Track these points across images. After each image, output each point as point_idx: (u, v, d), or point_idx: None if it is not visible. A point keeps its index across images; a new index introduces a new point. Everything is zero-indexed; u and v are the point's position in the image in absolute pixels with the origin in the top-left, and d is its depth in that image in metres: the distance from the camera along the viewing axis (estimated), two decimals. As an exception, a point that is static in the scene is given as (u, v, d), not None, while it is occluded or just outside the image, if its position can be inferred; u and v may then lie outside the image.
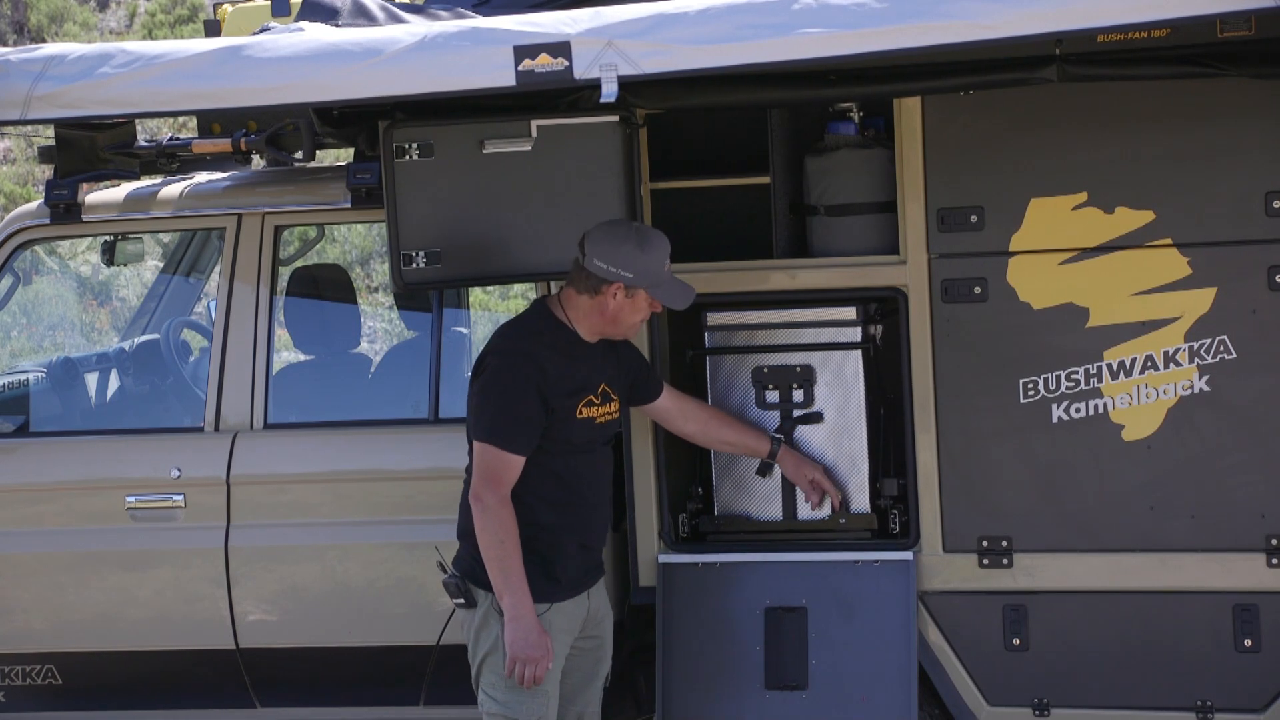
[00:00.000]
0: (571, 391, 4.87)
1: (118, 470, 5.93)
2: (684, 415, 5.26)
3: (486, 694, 4.90)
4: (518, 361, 4.82)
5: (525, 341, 4.88)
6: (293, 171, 6.37)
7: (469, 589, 4.89)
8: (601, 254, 4.82)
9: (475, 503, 4.79)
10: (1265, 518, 5.06)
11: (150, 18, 20.13)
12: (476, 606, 4.89)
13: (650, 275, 4.85)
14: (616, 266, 4.81)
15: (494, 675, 4.85)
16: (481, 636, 4.89)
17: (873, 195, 5.32)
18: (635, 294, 4.87)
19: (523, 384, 4.80)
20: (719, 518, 5.47)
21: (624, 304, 4.87)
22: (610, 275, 4.82)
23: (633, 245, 4.82)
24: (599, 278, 4.83)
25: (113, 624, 5.91)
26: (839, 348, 5.33)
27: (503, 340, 4.91)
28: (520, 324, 4.97)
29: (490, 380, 4.83)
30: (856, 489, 5.37)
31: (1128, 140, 5.06)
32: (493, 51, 4.48)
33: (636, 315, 4.92)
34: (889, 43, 4.31)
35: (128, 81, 4.65)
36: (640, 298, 4.88)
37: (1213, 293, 5.05)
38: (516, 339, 4.90)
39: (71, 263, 13.53)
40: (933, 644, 5.29)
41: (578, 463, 4.93)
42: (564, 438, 4.87)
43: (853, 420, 5.35)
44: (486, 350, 4.90)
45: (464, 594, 4.89)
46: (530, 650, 4.74)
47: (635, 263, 4.82)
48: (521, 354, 4.84)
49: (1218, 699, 5.12)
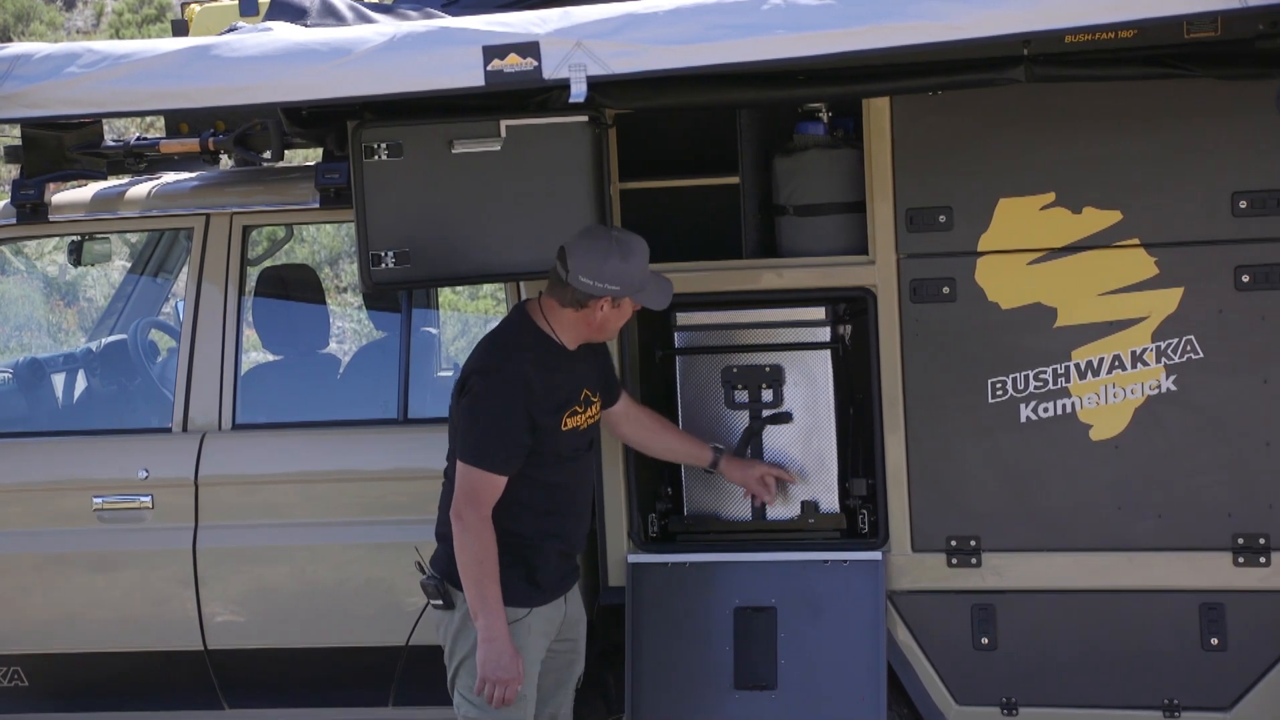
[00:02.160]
0: (557, 406, 4.85)
1: (85, 471, 5.91)
2: (631, 420, 5.26)
3: (464, 698, 4.88)
4: (504, 382, 4.78)
5: (511, 359, 4.82)
6: (261, 171, 6.35)
7: (447, 591, 4.87)
8: (586, 270, 4.80)
9: (456, 520, 4.78)
10: (1232, 517, 5.08)
11: (117, 17, 20.07)
12: (454, 609, 4.87)
13: (635, 283, 4.86)
14: (603, 281, 4.80)
15: (472, 678, 4.84)
16: (459, 640, 4.88)
17: (842, 195, 5.33)
18: (621, 303, 4.88)
19: (509, 405, 4.77)
20: (688, 518, 5.47)
21: (610, 314, 4.88)
22: (598, 291, 4.81)
23: (617, 259, 4.80)
24: (585, 294, 4.82)
25: (80, 625, 5.89)
26: (808, 348, 5.34)
27: (488, 358, 4.86)
28: (504, 338, 4.92)
29: (476, 401, 4.79)
30: (825, 489, 5.37)
31: (1095, 141, 5.08)
32: (462, 51, 4.47)
33: (622, 320, 4.95)
34: (858, 43, 4.31)
35: (94, 81, 4.63)
36: (625, 304, 4.90)
37: (1180, 292, 5.07)
38: (502, 356, 4.84)
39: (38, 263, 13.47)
40: (901, 643, 5.30)
41: (564, 472, 4.92)
42: (552, 450, 4.87)
43: (822, 420, 5.35)
44: (471, 368, 4.85)
45: (442, 595, 4.88)
46: (502, 672, 4.74)
47: (621, 275, 4.82)
48: (508, 373, 4.79)
49: (1185, 697, 5.14)
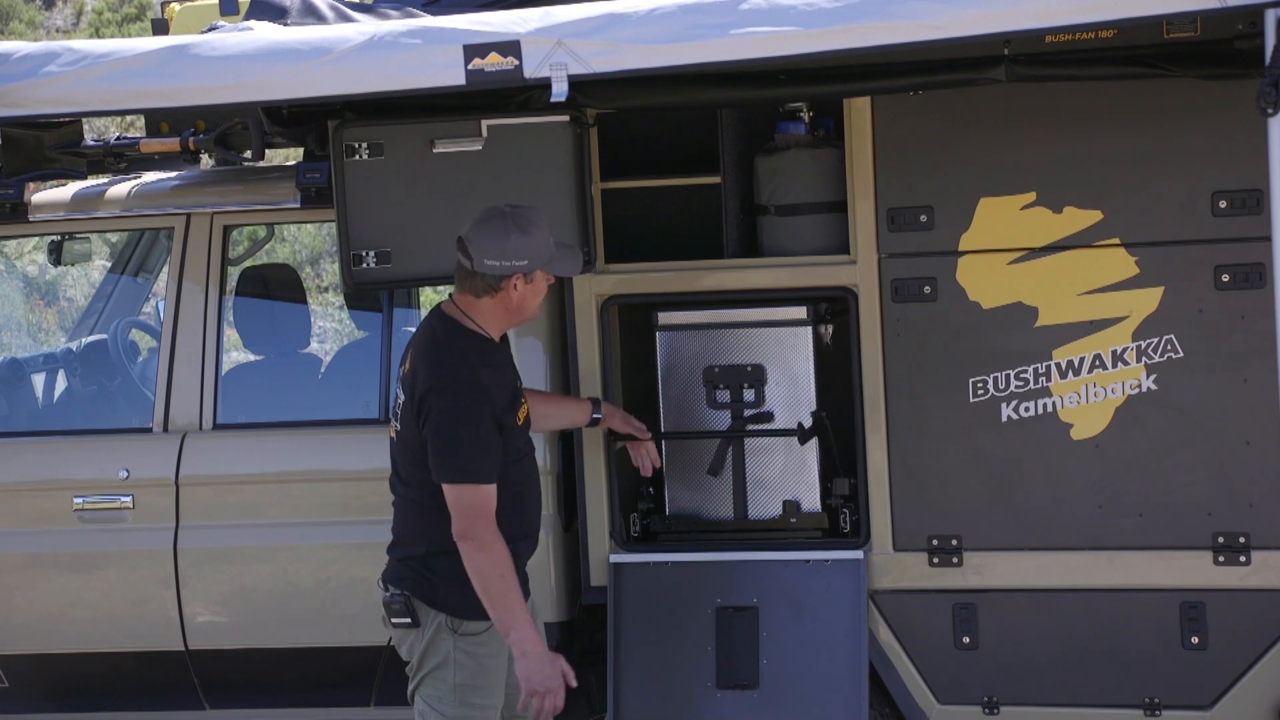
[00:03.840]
0: (511, 402, 4.81)
1: (65, 471, 5.89)
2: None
3: (432, 708, 4.80)
4: (465, 394, 4.70)
5: (461, 368, 4.74)
6: (242, 171, 6.34)
7: (414, 608, 4.78)
8: (489, 252, 4.72)
9: (466, 541, 4.68)
10: (1212, 516, 5.09)
11: (97, 16, 20.03)
12: (422, 625, 4.79)
13: (542, 254, 4.77)
14: (509, 259, 4.72)
15: (443, 688, 4.77)
16: (430, 652, 4.80)
17: (823, 195, 5.34)
18: (533, 276, 4.79)
19: (477, 414, 4.70)
20: (670, 517, 5.47)
21: (525, 291, 4.79)
22: (506, 270, 4.72)
23: (516, 234, 4.72)
24: (495, 276, 4.74)
25: (60, 626, 5.87)
26: (790, 347, 5.34)
27: (439, 374, 4.74)
28: (443, 349, 4.80)
29: (444, 420, 4.69)
30: (807, 488, 5.37)
31: (1076, 140, 5.09)
32: (442, 50, 4.47)
33: (538, 297, 4.84)
34: (838, 43, 4.32)
35: (74, 80, 4.62)
36: (538, 278, 4.80)
37: (1160, 292, 5.08)
38: (452, 369, 4.75)
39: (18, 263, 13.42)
40: (883, 643, 5.30)
41: (522, 469, 4.88)
42: (514, 448, 4.84)
43: (804, 420, 5.35)
44: (425, 389, 4.73)
45: (409, 613, 4.78)
46: (548, 681, 4.68)
47: (524, 248, 4.73)
48: (465, 384, 4.72)
49: (1165, 696, 5.15)
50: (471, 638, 4.77)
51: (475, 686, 4.79)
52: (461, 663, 4.77)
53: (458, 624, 4.76)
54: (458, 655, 4.76)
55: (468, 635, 4.77)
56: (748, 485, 5.40)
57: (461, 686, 4.77)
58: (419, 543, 4.81)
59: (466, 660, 4.77)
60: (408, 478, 4.84)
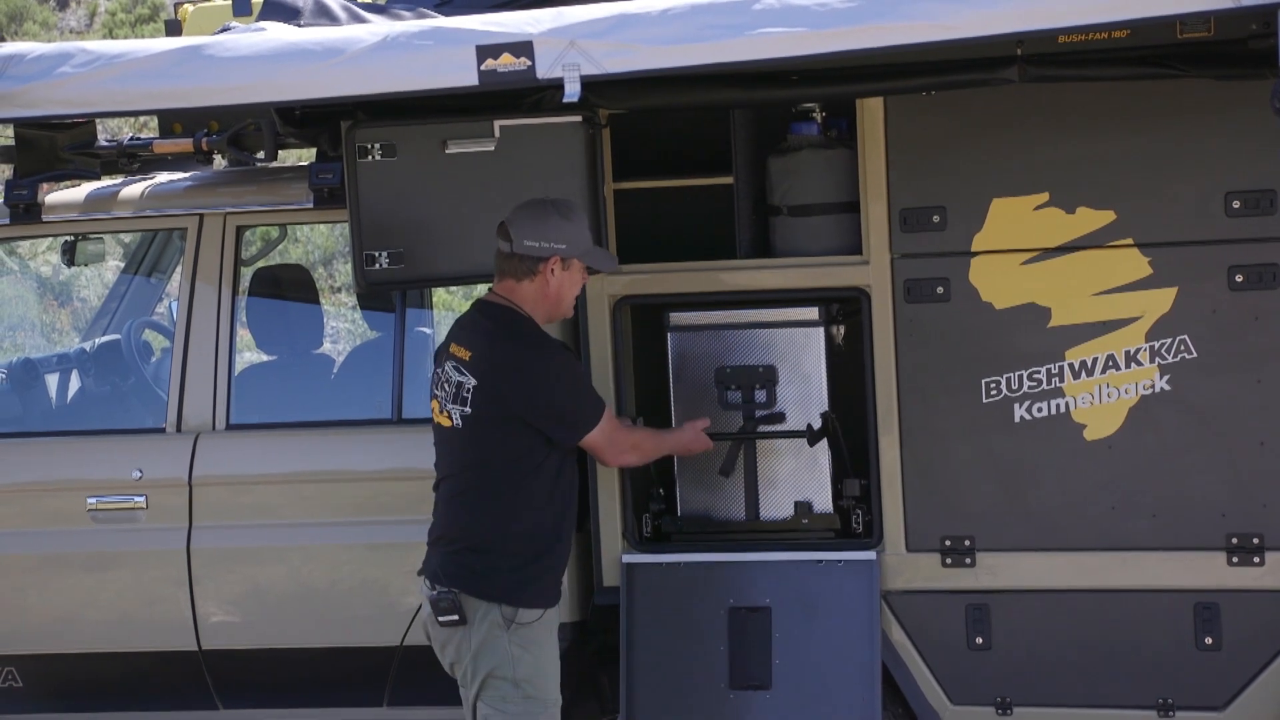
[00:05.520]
0: None
1: (79, 471, 5.90)
2: None
3: (497, 709, 4.77)
4: (552, 353, 4.85)
5: (536, 334, 4.85)
6: (255, 172, 6.35)
7: (461, 604, 4.77)
8: (529, 233, 4.82)
9: (639, 456, 5.07)
10: (1226, 516, 5.08)
11: (111, 17, 20.05)
12: (470, 623, 4.77)
13: (581, 243, 4.87)
14: (549, 241, 4.82)
15: (506, 687, 4.75)
16: (485, 652, 4.77)
17: (836, 195, 5.33)
18: (570, 264, 4.86)
19: (570, 365, 4.91)
20: (682, 518, 5.46)
21: (563, 278, 4.86)
22: (545, 251, 4.81)
23: (557, 217, 4.83)
24: (534, 257, 4.82)
25: (74, 626, 5.88)
26: (801, 348, 5.33)
27: (518, 346, 4.81)
28: (511, 328, 4.84)
29: (555, 379, 4.81)
30: (819, 489, 5.37)
31: (1089, 141, 5.08)
32: (455, 51, 4.47)
33: (575, 288, 4.93)
34: (851, 43, 4.31)
35: (87, 81, 4.62)
36: (575, 268, 4.88)
37: (1173, 292, 5.07)
38: (528, 338, 4.83)
39: (32, 263, 13.45)
40: (896, 643, 5.30)
41: (569, 470, 4.93)
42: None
43: (815, 420, 5.35)
44: (508, 363, 4.79)
45: (457, 609, 4.77)
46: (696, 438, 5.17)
47: (564, 233, 4.83)
48: (547, 346, 4.85)
49: (1179, 697, 5.15)
50: (525, 630, 4.76)
51: (537, 679, 4.79)
52: (519, 657, 4.76)
53: (512, 614, 4.75)
54: (514, 650, 4.75)
55: (522, 627, 4.76)
56: (759, 486, 5.40)
57: (524, 681, 4.76)
58: (477, 531, 4.80)
59: (524, 654, 4.77)
60: (471, 464, 4.82)
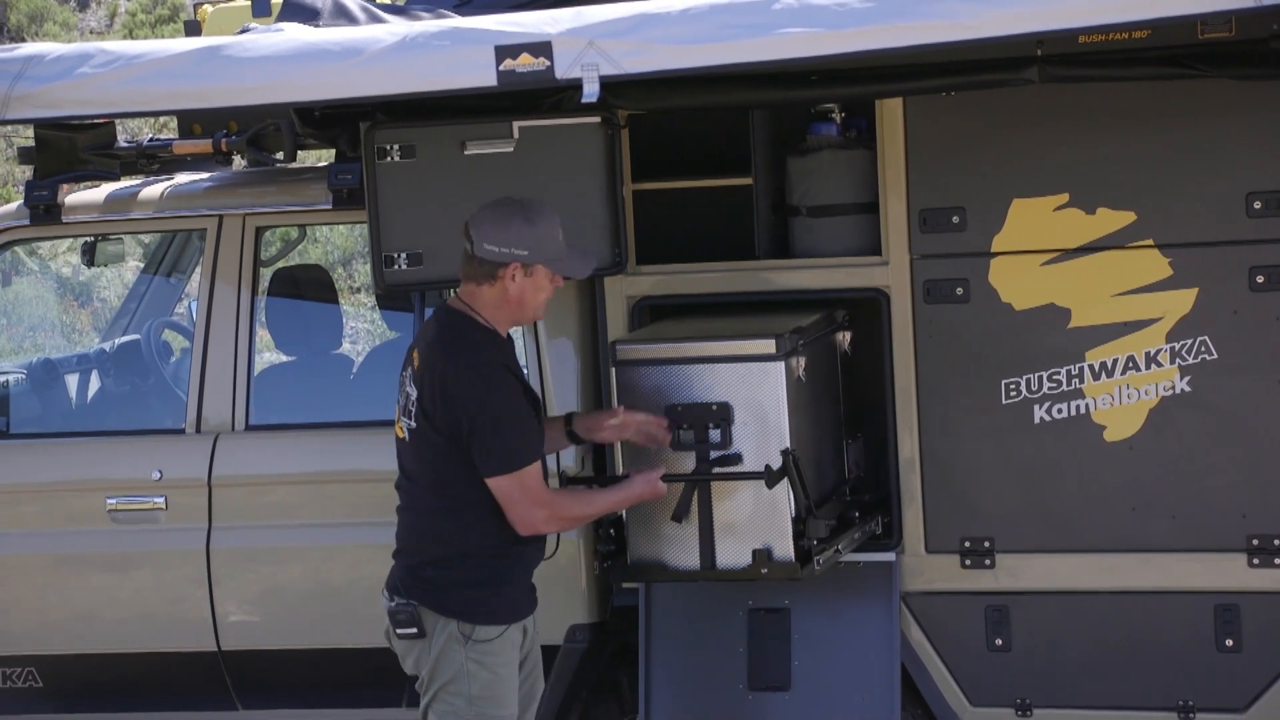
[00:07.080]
0: (535, 403, 4.75)
1: (99, 472, 5.91)
2: None
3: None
4: (493, 379, 4.57)
5: (482, 355, 4.60)
6: (274, 172, 6.35)
7: (420, 617, 4.66)
8: (489, 237, 4.59)
9: (537, 530, 4.63)
10: (1246, 518, 5.07)
11: (131, 18, 20.12)
12: (430, 635, 4.68)
13: (544, 248, 4.61)
14: (509, 246, 4.58)
15: (458, 701, 4.66)
16: (441, 665, 4.67)
17: (855, 196, 5.33)
18: (533, 270, 4.62)
19: (508, 396, 4.58)
20: (632, 566, 5.07)
21: (525, 284, 4.62)
22: (504, 257, 4.59)
23: (520, 220, 4.59)
24: (493, 262, 4.59)
25: (94, 626, 5.89)
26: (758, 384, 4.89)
27: (459, 364, 4.58)
28: (461, 341, 4.63)
29: (478, 409, 4.52)
30: (779, 535, 4.90)
31: (1109, 141, 5.07)
32: (474, 51, 4.47)
33: (541, 294, 4.68)
34: (871, 43, 4.31)
35: (107, 81, 4.64)
36: (540, 274, 4.64)
37: (1194, 293, 5.06)
38: (473, 357, 4.59)
39: (52, 264, 13.49)
40: (915, 644, 5.29)
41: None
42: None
43: (773, 461, 4.87)
44: (446, 382, 4.55)
45: (415, 623, 4.67)
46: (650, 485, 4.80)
47: (525, 238, 4.59)
48: (490, 369, 4.59)
49: (1199, 699, 5.13)
50: (483, 646, 4.66)
51: (490, 697, 4.68)
52: (475, 674, 4.66)
53: (470, 630, 4.65)
54: (470, 666, 4.66)
55: (480, 643, 4.66)
56: (715, 532, 4.94)
57: (477, 698, 4.66)
58: (431, 546, 4.70)
59: (480, 671, 4.66)
60: (418, 479, 4.71)
